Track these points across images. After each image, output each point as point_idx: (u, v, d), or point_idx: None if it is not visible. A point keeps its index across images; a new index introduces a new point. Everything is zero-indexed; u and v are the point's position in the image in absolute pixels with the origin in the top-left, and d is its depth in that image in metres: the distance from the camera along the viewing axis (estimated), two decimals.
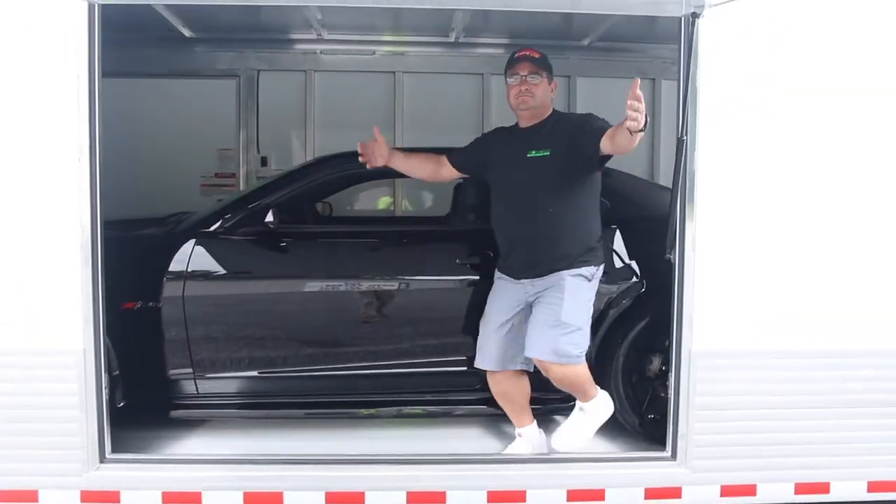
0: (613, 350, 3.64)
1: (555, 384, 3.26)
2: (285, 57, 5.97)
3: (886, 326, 3.25)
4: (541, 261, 3.26)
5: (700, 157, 3.10)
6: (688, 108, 3.07)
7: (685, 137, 3.07)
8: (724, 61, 3.07)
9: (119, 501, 3.13)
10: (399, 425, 3.75)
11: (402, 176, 5.38)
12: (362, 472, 3.20)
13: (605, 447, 3.50)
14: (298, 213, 3.97)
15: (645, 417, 3.64)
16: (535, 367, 3.30)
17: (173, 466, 3.21)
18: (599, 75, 6.07)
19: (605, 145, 3.09)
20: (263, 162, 6.05)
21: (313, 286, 3.69)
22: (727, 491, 3.28)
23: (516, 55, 3.35)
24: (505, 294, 3.37)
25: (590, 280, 3.29)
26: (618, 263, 3.78)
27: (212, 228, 3.73)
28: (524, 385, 3.46)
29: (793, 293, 3.20)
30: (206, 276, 3.65)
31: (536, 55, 3.33)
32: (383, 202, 6.23)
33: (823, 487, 3.31)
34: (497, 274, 3.45)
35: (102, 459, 3.12)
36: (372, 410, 3.77)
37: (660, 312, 3.39)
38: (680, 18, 3.04)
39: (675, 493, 3.26)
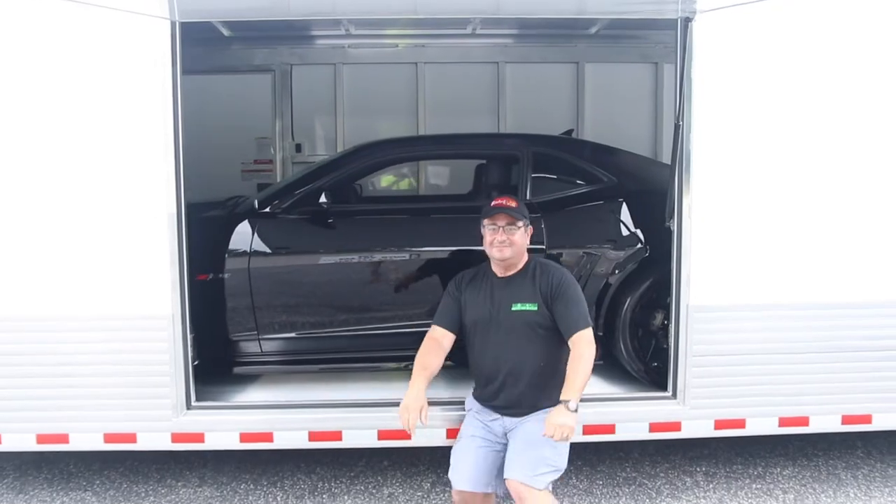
0: (622, 307, 4.11)
1: None
2: (316, 52, 6.45)
3: (857, 283, 3.73)
4: (524, 404, 3.23)
5: (695, 138, 3.57)
6: (684, 97, 3.57)
7: (681, 122, 3.57)
8: (715, 58, 3.54)
9: (203, 441, 3.70)
10: (438, 377, 4.15)
11: (430, 158, 5.89)
12: None
13: (615, 390, 4.00)
14: (341, 193, 4.42)
15: (649, 365, 4.13)
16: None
17: (249, 411, 3.77)
18: (606, 61, 6.52)
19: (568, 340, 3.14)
20: (298, 149, 6.57)
21: (363, 257, 4.17)
22: (720, 424, 3.79)
23: (493, 204, 3.27)
24: (486, 428, 3.31)
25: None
26: (624, 232, 4.26)
27: (269, 209, 4.24)
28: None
29: (776, 255, 3.68)
30: (267, 250, 4.17)
31: (513, 204, 3.25)
32: (385, 181, 6.70)
33: (803, 421, 3.82)
34: (471, 405, 3.42)
35: (189, 407, 3.68)
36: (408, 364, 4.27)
37: (662, 273, 3.87)
38: (676, 20, 3.52)
39: (676, 426, 3.79)
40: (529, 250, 3.40)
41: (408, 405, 3.12)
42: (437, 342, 3.35)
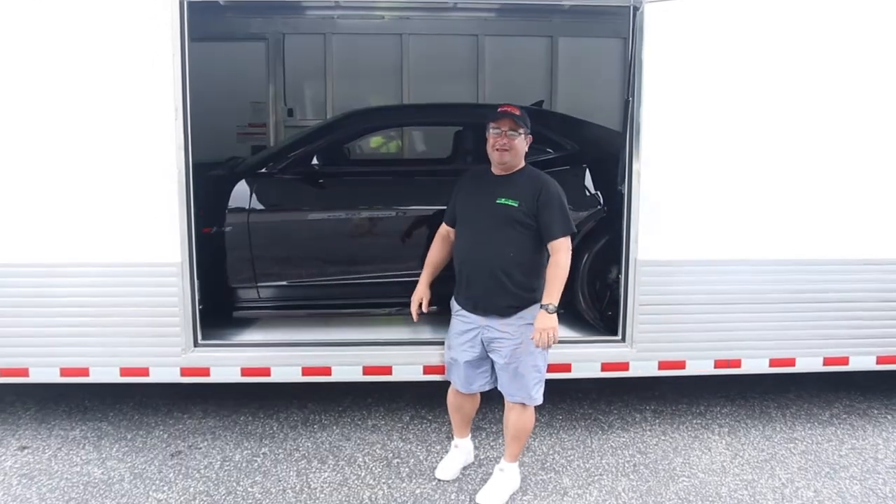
0: (581, 262, 4.60)
1: (510, 427, 3.66)
2: (307, 22, 6.84)
3: (784, 242, 4.21)
4: (496, 297, 3.52)
5: (644, 112, 4.03)
6: (634, 75, 4.02)
7: (631, 98, 4.04)
8: (661, 41, 3.97)
9: (209, 375, 4.17)
10: (417, 321, 4.57)
11: (413, 124, 6.31)
12: (390, 351, 4.22)
13: (573, 334, 4.49)
14: (331, 156, 4.84)
15: (604, 314, 4.63)
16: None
17: (249, 349, 4.23)
18: (579, 35, 6.95)
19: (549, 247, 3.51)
20: (290, 113, 7.01)
21: (350, 214, 4.66)
22: (663, 365, 4.31)
23: (499, 109, 3.53)
24: (466, 334, 3.66)
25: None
26: (586, 195, 4.73)
27: (265, 169, 4.69)
28: (477, 401, 3.88)
29: (714, 216, 4.16)
30: (264, 207, 4.61)
31: (517, 112, 3.51)
32: (372, 144, 7.13)
33: (736, 363, 4.34)
34: (454, 307, 3.73)
35: (196, 344, 4.15)
36: (391, 309, 4.77)
37: (617, 231, 4.31)
38: (629, 8, 3.97)
39: (624, 366, 4.30)
40: None
41: (412, 297, 3.81)
42: (443, 237, 3.83)
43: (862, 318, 4.35)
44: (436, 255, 3.85)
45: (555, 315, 3.45)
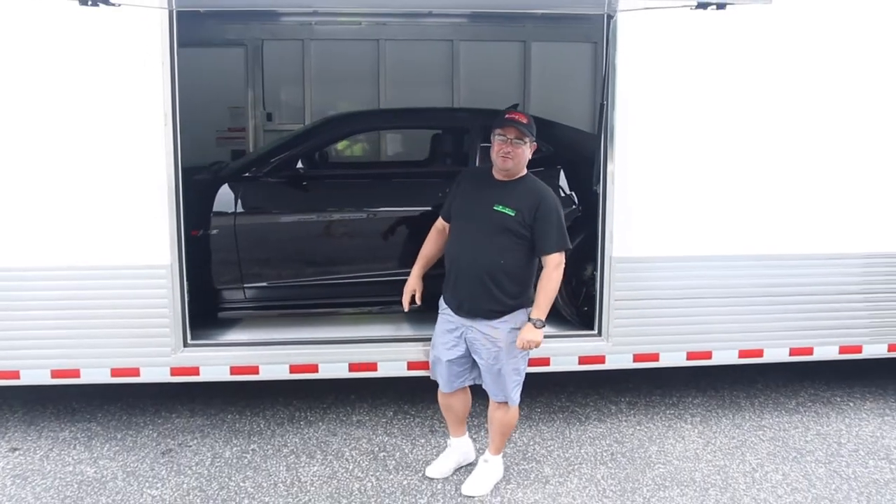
0: None
1: (495, 423, 3.81)
2: (285, 28, 6.96)
3: (750, 239, 4.40)
4: (472, 302, 3.60)
5: (617, 116, 4.19)
6: (608, 81, 4.20)
7: (606, 102, 4.21)
8: (635, 48, 4.16)
9: (199, 374, 4.26)
10: (400, 319, 4.74)
11: (392, 128, 6.45)
12: (375, 348, 4.35)
13: (550, 329, 4.52)
14: (313, 159, 4.98)
15: (581, 310, 4.78)
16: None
17: (238, 348, 4.33)
18: (552, 40, 7.13)
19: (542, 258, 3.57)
20: (269, 117, 7.12)
21: (334, 216, 4.79)
22: (638, 358, 4.48)
23: (507, 115, 3.52)
24: (450, 333, 3.74)
25: (520, 328, 3.59)
26: (561, 195, 4.88)
27: (249, 174, 4.79)
28: (466, 400, 3.94)
29: (684, 214, 4.34)
30: (250, 210, 4.72)
31: (524, 120, 3.51)
32: (344, 146, 7.22)
33: (707, 355, 4.53)
34: (441, 305, 3.80)
35: (186, 344, 4.23)
36: (375, 308, 4.90)
37: (592, 230, 4.45)
38: (603, 16, 4.15)
39: (601, 359, 4.47)
40: None
41: (404, 288, 3.88)
42: (439, 231, 3.87)
43: (825, 311, 4.56)
44: (430, 248, 3.91)
45: (542, 330, 3.55)
